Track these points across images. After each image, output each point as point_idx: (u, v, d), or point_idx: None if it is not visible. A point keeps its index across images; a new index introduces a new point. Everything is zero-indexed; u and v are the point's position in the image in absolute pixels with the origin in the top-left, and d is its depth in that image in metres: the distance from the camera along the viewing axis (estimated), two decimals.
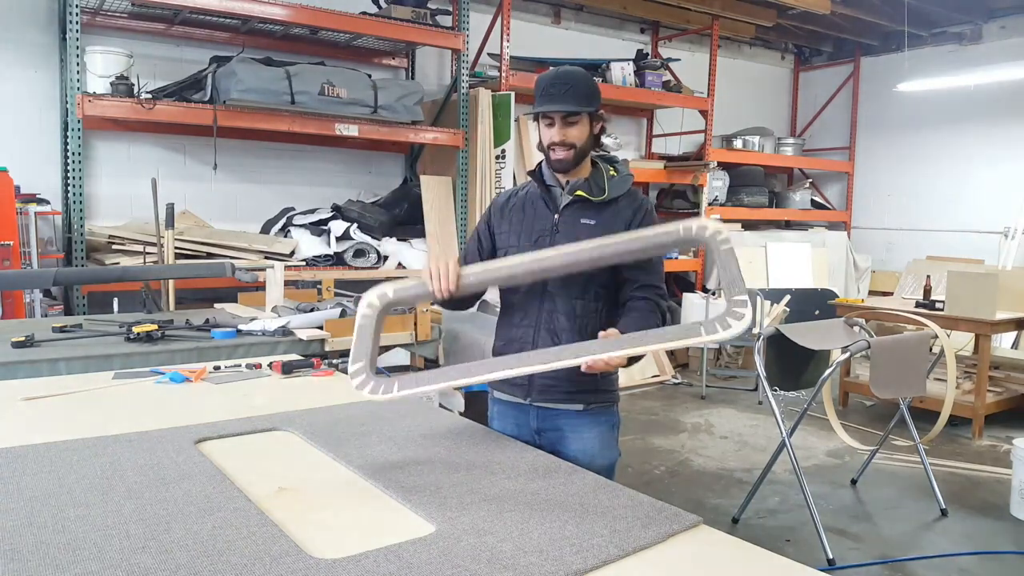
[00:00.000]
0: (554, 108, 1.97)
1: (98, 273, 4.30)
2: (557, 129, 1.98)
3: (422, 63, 6.54)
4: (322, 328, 3.23)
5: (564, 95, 1.96)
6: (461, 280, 1.83)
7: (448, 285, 1.81)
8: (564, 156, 2.00)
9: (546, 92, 1.99)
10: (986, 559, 3.45)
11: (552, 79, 2.00)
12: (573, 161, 2.02)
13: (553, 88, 1.98)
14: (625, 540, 1.33)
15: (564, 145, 1.99)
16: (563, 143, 1.99)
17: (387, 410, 2.14)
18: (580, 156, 2.02)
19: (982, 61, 7.70)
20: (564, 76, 2.00)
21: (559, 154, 2.00)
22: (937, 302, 5.45)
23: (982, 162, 8.04)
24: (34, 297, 4.52)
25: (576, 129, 1.99)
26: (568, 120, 1.98)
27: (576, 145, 2.00)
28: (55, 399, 2.20)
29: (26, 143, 4.98)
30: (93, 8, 4.95)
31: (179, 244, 4.67)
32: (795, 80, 9.73)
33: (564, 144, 1.99)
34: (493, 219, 2.17)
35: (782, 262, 7.92)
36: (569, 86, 1.97)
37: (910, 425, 4.03)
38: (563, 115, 1.97)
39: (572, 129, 1.99)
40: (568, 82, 1.98)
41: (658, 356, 6.80)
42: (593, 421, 2.08)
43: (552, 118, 1.99)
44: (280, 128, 5.11)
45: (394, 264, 5.63)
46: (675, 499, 3.96)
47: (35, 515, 1.37)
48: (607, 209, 2.03)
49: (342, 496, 1.55)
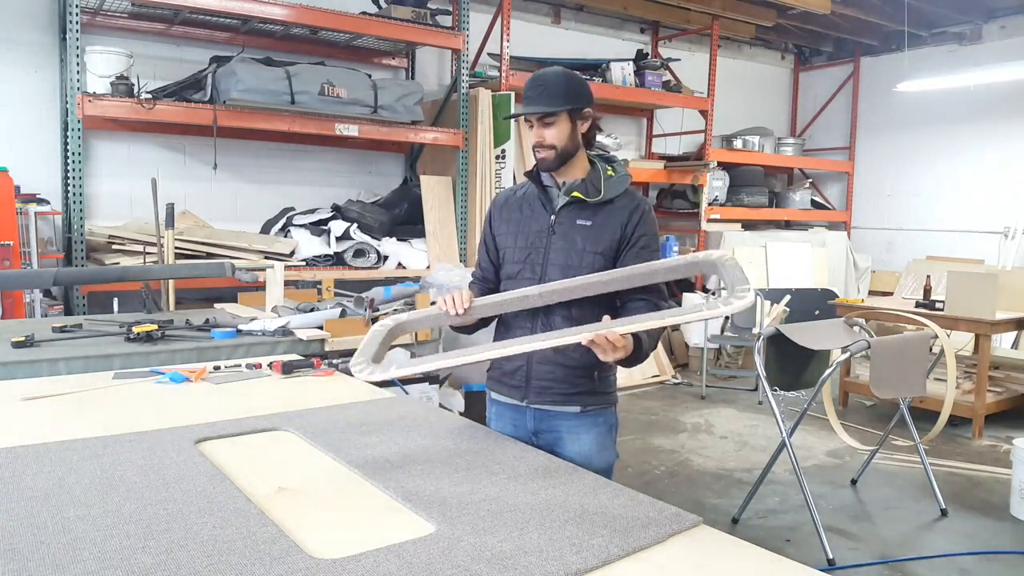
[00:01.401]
0: (526, 111, 1.99)
1: (98, 273, 4.29)
2: (535, 131, 2.01)
3: (422, 63, 6.55)
4: (322, 328, 3.23)
5: (538, 97, 1.98)
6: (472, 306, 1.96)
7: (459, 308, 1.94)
8: (545, 156, 2.02)
9: (525, 95, 2.02)
10: (986, 559, 3.45)
11: (529, 82, 2.02)
12: (556, 161, 2.02)
13: (529, 91, 2.00)
14: (625, 540, 1.33)
15: (544, 147, 2.01)
16: (542, 144, 2.01)
17: (387, 410, 2.14)
18: (563, 156, 2.02)
19: (982, 61, 7.71)
20: (539, 78, 2.02)
21: (541, 154, 2.02)
22: (937, 302, 5.45)
23: (982, 162, 8.04)
24: (34, 297, 4.51)
25: (553, 130, 1.99)
26: (544, 121, 1.99)
27: (556, 146, 2.00)
28: (55, 399, 2.20)
29: (26, 143, 4.98)
30: (93, 8, 4.95)
31: (179, 244, 4.67)
32: (795, 80, 9.73)
33: (543, 145, 2.00)
34: (494, 222, 2.18)
35: (782, 262, 7.93)
36: (543, 88, 1.99)
37: (910, 425, 4.03)
38: (539, 116, 1.99)
39: (549, 130, 1.99)
40: (542, 84, 2.00)
41: (658, 356, 6.80)
42: (590, 423, 2.07)
43: (531, 120, 2.01)
44: (280, 128, 5.11)
45: (394, 264, 5.63)
46: (675, 499, 3.96)
47: (35, 515, 1.37)
48: (603, 210, 2.03)
49: (342, 496, 1.55)
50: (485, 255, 2.20)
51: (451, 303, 1.95)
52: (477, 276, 2.23)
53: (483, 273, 2.20)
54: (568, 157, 2.03)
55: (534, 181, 2.12)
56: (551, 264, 2.02)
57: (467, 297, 1.96)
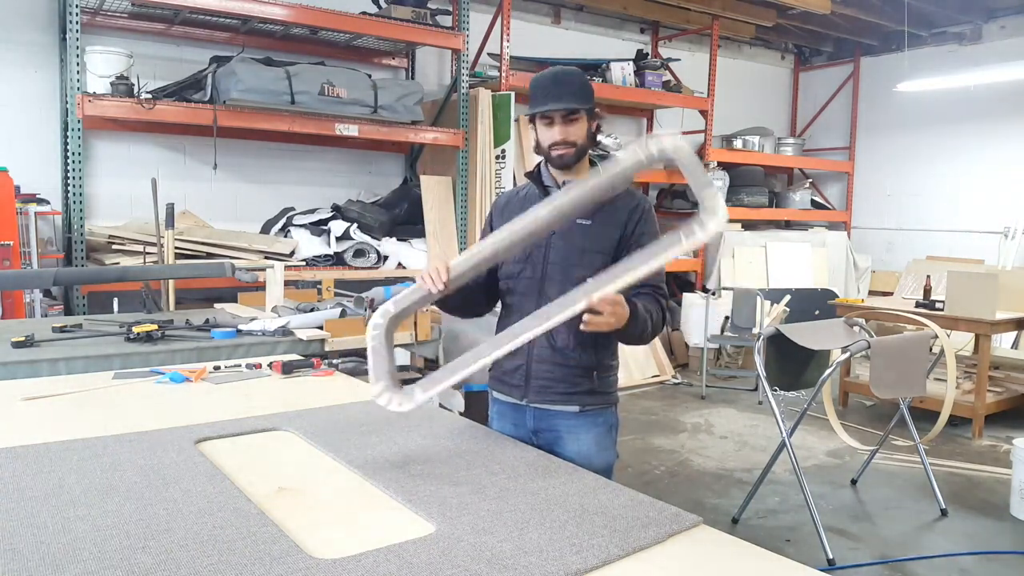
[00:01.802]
0: (555, 107, 1.98)
1: (98, 273, 4.29)
2: (559, 128, 2.00)
3: (422, 63, 6.54)
4: (322, 328, 3.23)
5: (562, 94, 1.98)
6: (451, 272, 1.85)
7: (440, 278, 1.83)
8: (565, 153, 2.01)
9: (544, 92, 2.00)
10: (986, 559, 3.45)
11: (550, 79, 2.02)
12: (575, 157, 2.03)
13: (549, 88, 2.00)
14: (625, 540, 1.33)
15: (566, 144, 2.01)
16: (565, 142, 2.00)
17: (387, 411, 2.14)
18: (581, 153, 2.04)
19: (982, 61, 7.70)
20: (561, 75, 2.03)
21: (560, 151, 2.01)
22: (937, 302, 5.45)
23: (982, 162, 8.04)
24: (34, 297, 4.51)
25: (576, 127, 2.01)
26: (569, 118, 1.99)
27: (577, 143, 2.02)
28: (55, 399, 2.20)
29: (26, 143, 4.98)
30: (93, 8, 4.95)
31: (179, 244, 4.67)
32: (795, 80, 9.73)
33: (566, 143, 2.00)
34: (495, 223, 2.16)
35: (782, 262, 7.93)
36: (566, 85, 1.99)
37: (910, 425, 4.03)
38: (563, 114, 1.98)
39: (573, 127, 2.00)
40: (565, 81, 2.00)
41: (658, 356, 6.80)
42: (590, 423, 2.07)
43: (551, 117, 2.00)
44: (280, 128, 5.11)
45: (394, 264, 5.63)
46: (675, 499, 3.95)
47: (35, 515, 1.37)
48: (604, 209, 2.03)
49: (342, 496, 1.55)
50: None
51: (430, 280, 1.86)
52: None
53: None
54: (584, 154, 2.06)
55: (535, 182, 2.12)
56: (551, 264, 2.04)
57: (443, 268, 1.86)
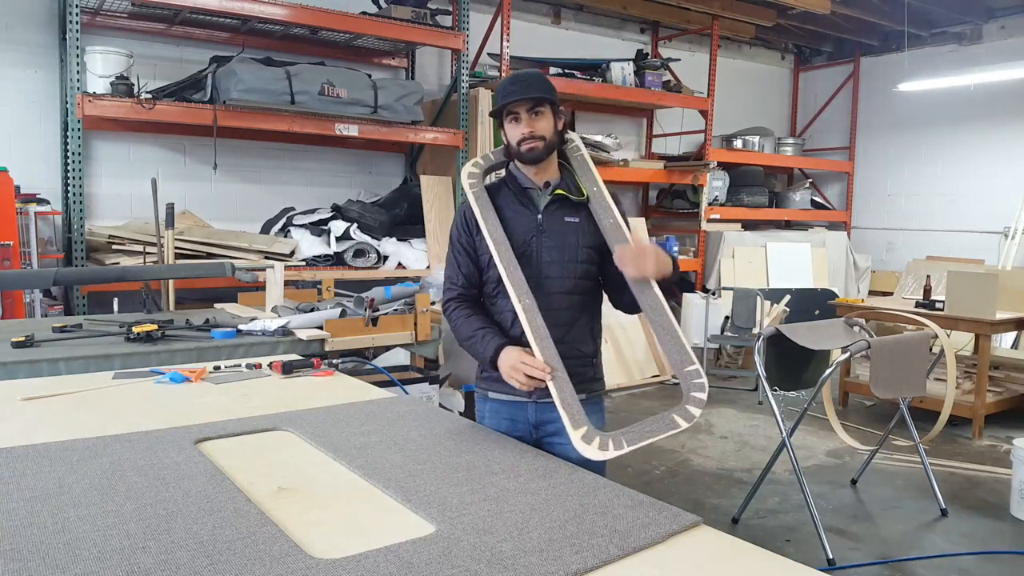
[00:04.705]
0: (519, 98, 2.04)
1: (98, 273, 4.29)
2: (525, 122, 2.05)
3: (422, 63, 6.54)
4: (322, 328, 3.23)
5: (526, 89, 2.05)
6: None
7: (545, 373, 1.90)
8: (534, 146, 2.06)
9: (506, 92, 2.07)
10: (986, 559, 3.45)
11: (510, 80, 2.10)
12: (544, 152, 2.08)
13: (512, 86, 2.07)
14: (625, 540, 1.33)
15: (534, 137, 2.06)
16: (532, 135, 2.05)
17: (387, 410, 2.14)
18: (550, 147, 2.10)
19: (982, 61, 7.71)
20: (521, 75, 2.12)
21: (529, 145, 2.06)
22: (937, 302, 5.45)
23: (982, 162, 8.04)
24: (34, 297, 4.52)
25: (543, 121, 2.07)
26: (534, 111, 2.05)
27: (545, 136, 2.07)
28: (55, 399, 2.20)
29: (26, 143, 4.98)
30: (93, 8, 4.95)
31: (179, 244, 4.66)
32: (795, 80, 9.73)
33: (534, 136, 2.06)
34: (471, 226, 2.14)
35: (782, 262, 7.93)
36: (528, 82, 2.07)
37: (910, 425, 4.03)
38: (528, 108, 2.04)
39: (540, 121, 2.06)
40: (524, 79, 2.09)
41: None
42: (590, 410, 2.07)
43: (517, 113, 2.06)
44: (280, 128, 5.11)
45: (394, 264, 5.63)
46: (675, 499, 3.97)
47: (35, 515, 1.37)
48: (584, 208, 2.13)
49: (342, 496, 1.55)
50: (467, 262, 2.14)
51: (535, 375, 1.90)
52: (459, 285, 2.14)
53: (466, 281, 2.14)
54: (553, 149, 2.12)
55: (512, 184, 2.17)
56: (545, 262, 2.08)
57: (539, 362, 1.90)
